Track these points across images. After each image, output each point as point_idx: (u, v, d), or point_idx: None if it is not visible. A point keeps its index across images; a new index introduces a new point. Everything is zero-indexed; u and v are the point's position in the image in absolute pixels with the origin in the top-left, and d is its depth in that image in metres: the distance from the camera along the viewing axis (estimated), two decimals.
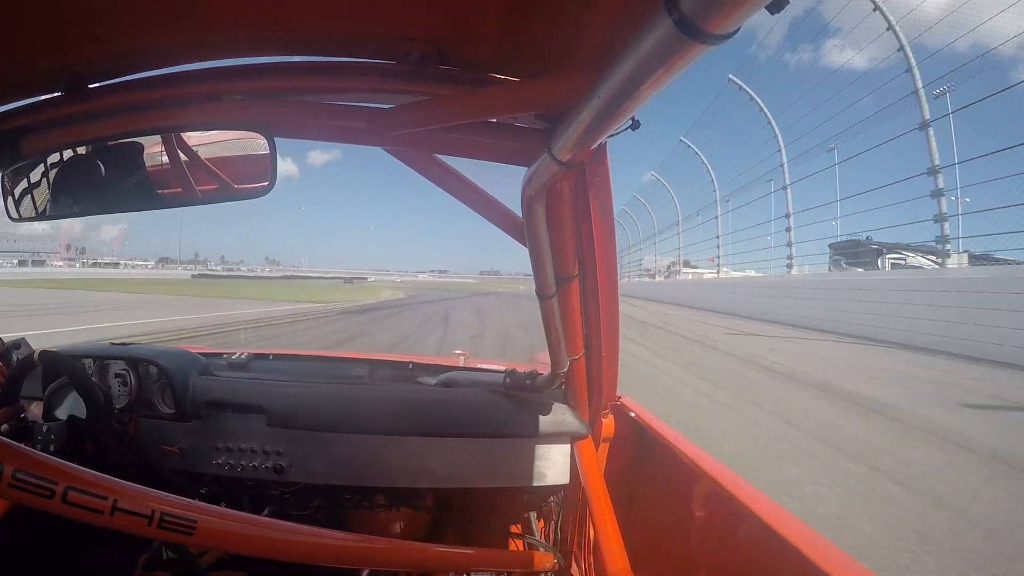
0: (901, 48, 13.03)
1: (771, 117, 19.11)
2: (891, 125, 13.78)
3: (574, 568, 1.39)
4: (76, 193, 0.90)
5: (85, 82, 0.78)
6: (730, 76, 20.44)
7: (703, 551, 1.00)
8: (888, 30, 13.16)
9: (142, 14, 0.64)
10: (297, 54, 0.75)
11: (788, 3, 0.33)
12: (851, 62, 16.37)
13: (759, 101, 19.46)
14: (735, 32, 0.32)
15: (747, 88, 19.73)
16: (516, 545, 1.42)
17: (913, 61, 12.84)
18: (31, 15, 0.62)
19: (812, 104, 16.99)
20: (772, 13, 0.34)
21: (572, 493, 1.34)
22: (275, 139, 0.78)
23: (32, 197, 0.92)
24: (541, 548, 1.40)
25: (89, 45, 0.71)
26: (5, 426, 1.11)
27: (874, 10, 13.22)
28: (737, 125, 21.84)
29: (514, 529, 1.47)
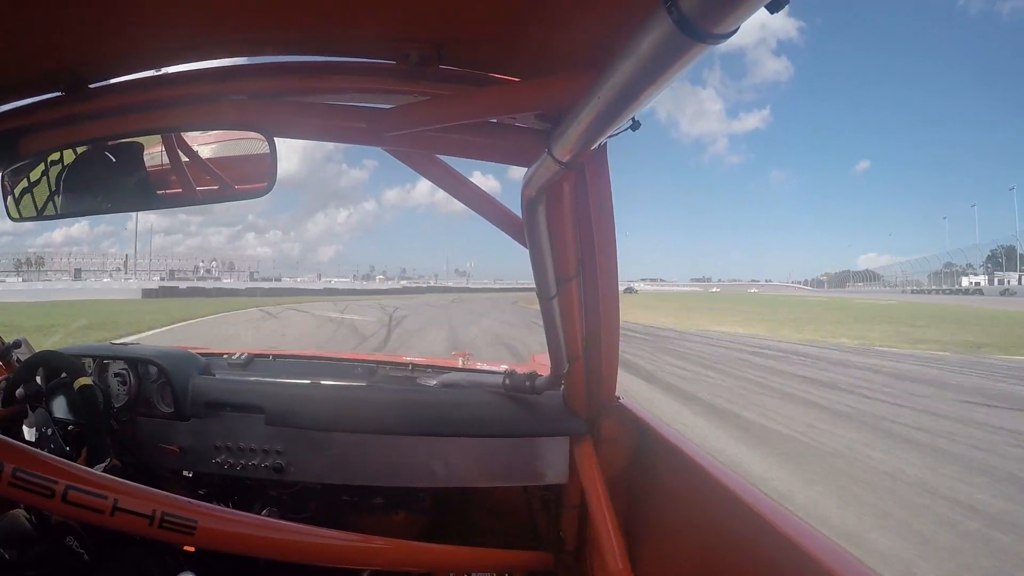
0: None
1: None
2: None
3: (573, 568, 1.39)
4: (76, 193, 0.90)
5: (85, 82, 0.78)
6: None
7: (702, 551, 1.00)
8: None
9: (143, 14, 0.64)
10: (297, 54, 0.75)
11: (787, 2, 0.33)
12: None
13: None
14: (734, 31, 0.32)
15: None
16: (515, 545, 1.42)
17: None
18: (32, 15, 0.62)
19: None
20: (771, 12, 0.34)
21: (571, 493, 1.34)
22: (275, 139, 0.78)
23: (32, 197, 0.92)
24: (540, 548, 1.40)
25: (89, 45, 0.71)
26: (5, 424, 1.11)
27: None
28: None
29: (513, 529, 1.47)
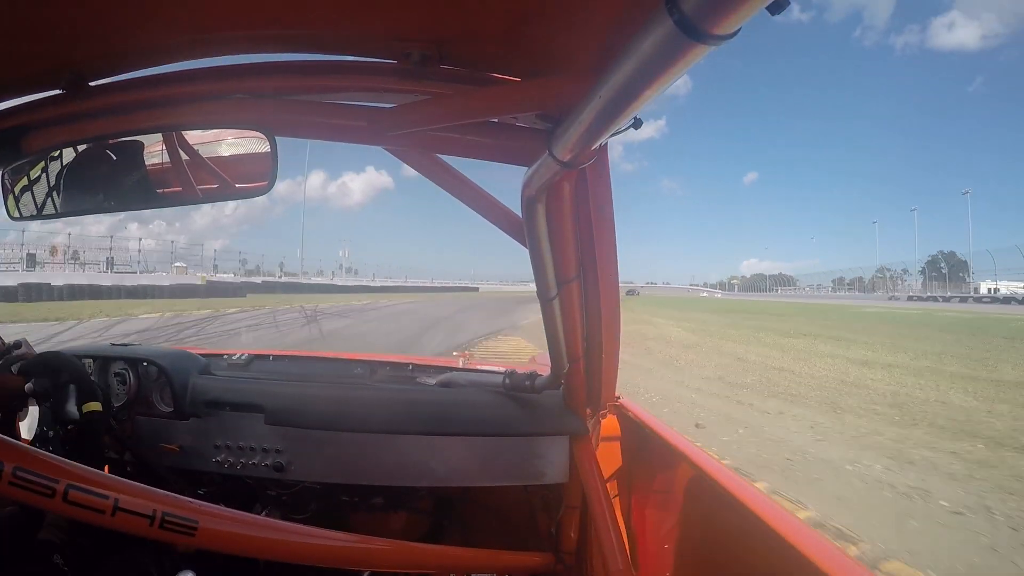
0: None
1: None
2: None
3: (574, 568, 1.39)
4: (76, 192, 0.90)
5: (86, 80, 0.78)
6: None
7: (702, 550, 1.00)
8: None
9: (143, 12, 0.64)
10: (298, 53, 0.75)
11: (789, 4, 0.33)
12: None
13: None
14: (736, 32, 0.32)
15: None
16: (515, 545, 1.42)
17: None
18: (32, 12, 0.62)
19: None
20: (772, 14, 0.34)
21: (571, 493, 1.34)
22: (276, 138, 0.78)
23: (32, 195, 0.92)
24: (540, 548, 1.40)
25: (90, 43, 0.70)
26: (5, 423, 1.11)
27: None
28: None
29: (513, 529, 1.47)
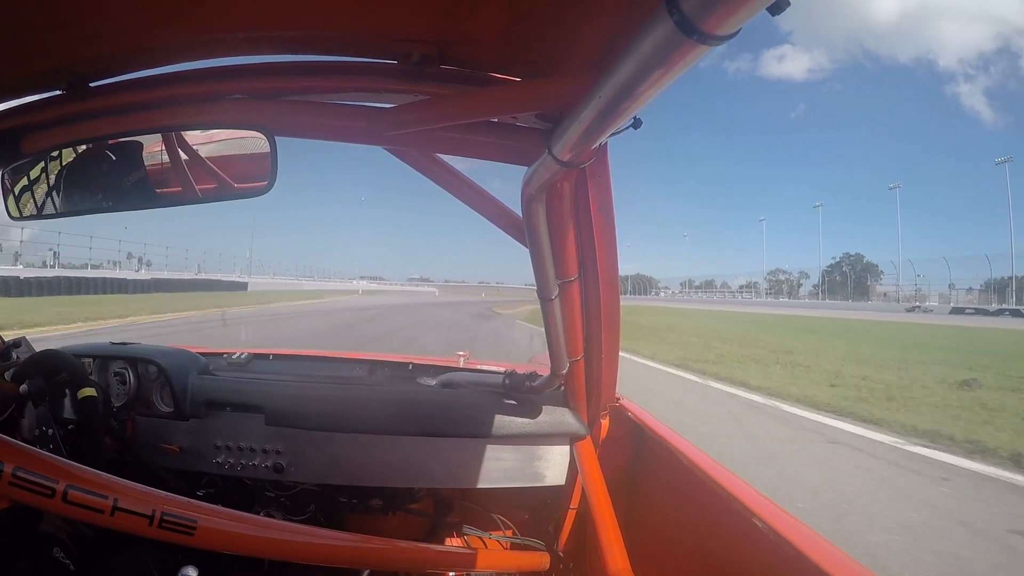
0: None
1: None
2: None
3: (573, 569, 1.39)
4: (76, 192, 0.90)
5: (86, 81, 0.78)
6: None
7: (702, 552, 1.00)
8: None
9: (143, 13, 0.64)
10: (298, 53, 0.75)
11: (789, 5, 0.33)
12: None
13: None
14: (736, 33, 0.32)
15: None
16: (514, 545, 1.42)
17: None
18: (33, 13, 0.62)
19: None
20: (773, 15, 0.34)
21: (571, 494, 1.34)
22: (276, 138, 0.78)
23: (32, 196, 0.92)
24: (540, 549, 1.40)
25: (90, 44, 0.71)
26: (3, 421, 1.10)
27: None
28: None
29: (513, 530, 1.47)
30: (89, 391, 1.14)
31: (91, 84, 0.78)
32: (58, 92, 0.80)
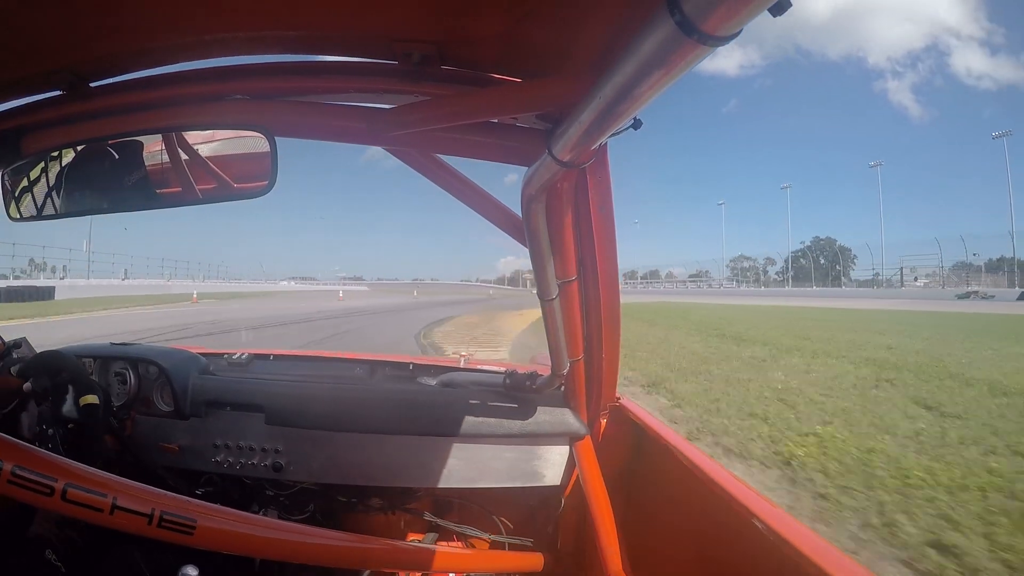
0: None
1: None
2: None
3: (572, 568, 1.39)
4: (76, 193, 0.90)
5: (86, 81, 0.78)
6: None
7: (701, 552, 1.00)
8: None
9: (144, 13, 0.64)
10: (299, 53, 0.75)
11: (791, 6, 0.33)
12: None
13: None
14: (737, 34, 0.32)
15: None
16: (514, 545, 1.42)
17: None
18: (33, 13, 0.62)
19: None
20: (774, 16, 0.34)
21: (571, 493, 1.34)
22: (276, 139, 0.78)
23: (32, 196, 0.92)
24: (540, 548, 1.40)
25: (91, 44, 0.71)
26: (5, 416, 1.11)
27: None
28: None
29: (512, 529, 1.47)
30: (91, 398, 1.14)
31: (91, 84, 0.78)
32: (58, 92, 0.80)
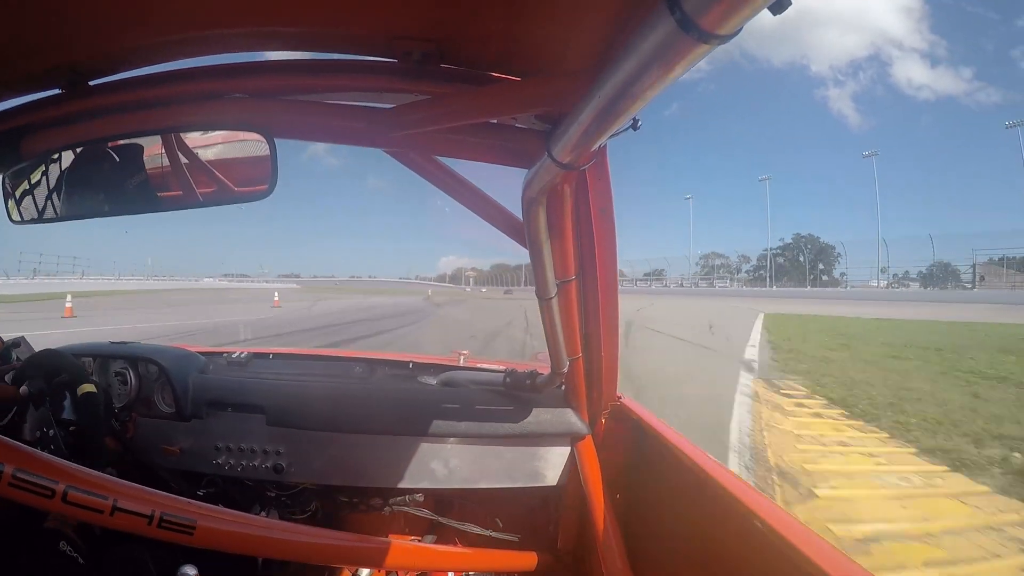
0: None
1: None
2: None
3: (573, 568, 1.39)
4: (76, 195, 0.90)
5: (85, 79, 0.78)
6: None
7: (702, 551, 1.00)
8: None
9: (143, 10, 0.64)
10: (299, 51, 0.75)
11: (790, 4, 0.33)
12: None
13: None
14: (737, 32, 0.32)
15: None
16: (515, 545, 1.42)
17: None
18: (32, 11, 0.62)
19: None
20: (774, 14, 0.34)
21: (571, 493, 1.34)
22: (276, 141, 0.78)
23: (33, 199, 0.92)
24: (540, 548, 1.40)
25: (90, 42, 0.70)
26: (5, 424, 1.11)
27: None
28: None
29: (513, 529, 1.47)
30: (88, 387, 1.14)
31: (91, 83, 0.78)
32: (58, 91, 0.80)
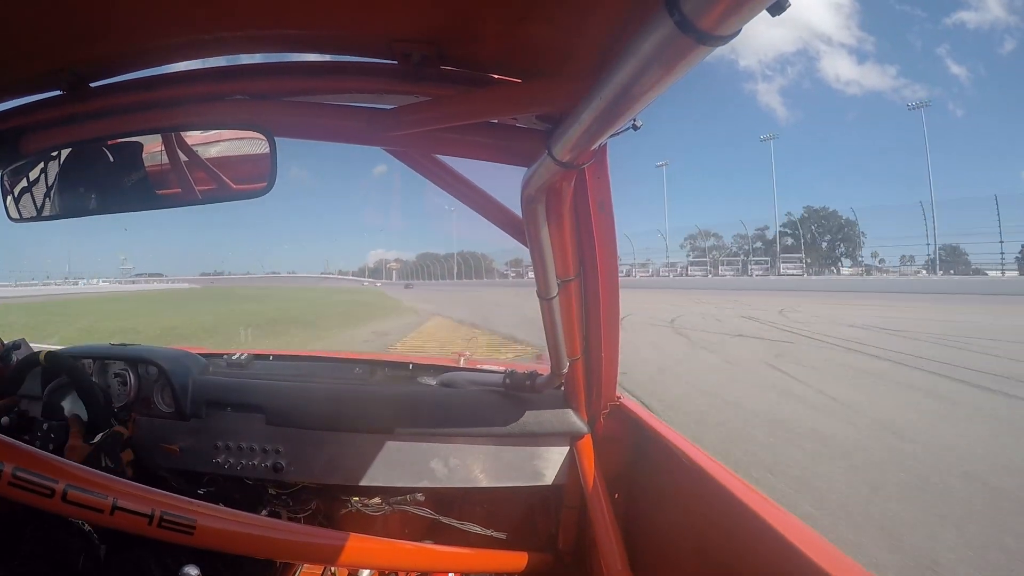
0: None
1: None
2: None
3: (572, 568, 1.39)
4: (75, 193, 0.90)
5: (86, 81, 0.78)
6: None
7: (702, 551, 1.00)
8: None
9: (144, 13, 0.64)
10: (299, 52, 0.75)
11: (789, 5, 0.33)
12: None
13: None
14: (737, 33, 0.32)
15: None
16: (515, 545, 1.42)
17: None
18: (33, 13, 0.62)
19: None
20: (773, 15, 0.34)
21: (571, 493, 1.34)
22: (276, 140, 0.78)
23: (32, 197, 0.92)
24: (540, 548, 1.40)
25: (90, 44, 0.70)
26: (5, 422, 1.11)
27: None
28: None
29: (513, 529, 1.47)
30: (121, 429, 1.16)
31: (91, 84, 0.78)
32: (58, 92, 0.80)
